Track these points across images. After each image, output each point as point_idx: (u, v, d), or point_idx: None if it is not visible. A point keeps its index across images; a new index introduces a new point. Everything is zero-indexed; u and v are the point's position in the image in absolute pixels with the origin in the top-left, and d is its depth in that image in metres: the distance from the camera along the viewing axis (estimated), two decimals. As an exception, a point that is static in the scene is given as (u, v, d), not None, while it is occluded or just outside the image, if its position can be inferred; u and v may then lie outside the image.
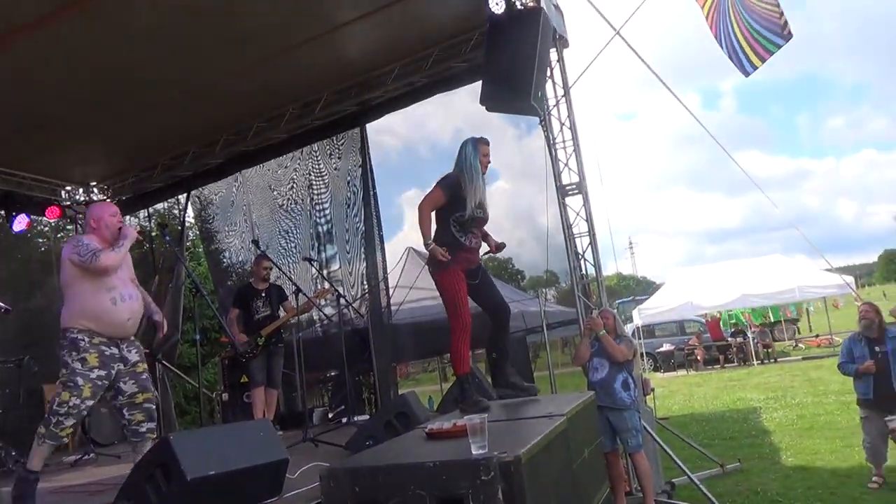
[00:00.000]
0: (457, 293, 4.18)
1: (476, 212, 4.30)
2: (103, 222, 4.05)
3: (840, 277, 15.43)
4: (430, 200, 4.22)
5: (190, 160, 9.13)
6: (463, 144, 4.38)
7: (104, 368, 3.79)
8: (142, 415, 3.95)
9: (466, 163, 4.28)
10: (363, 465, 2.83)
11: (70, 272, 3.86)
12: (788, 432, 8.79)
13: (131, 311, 3.97)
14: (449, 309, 4.24)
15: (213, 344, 12.98)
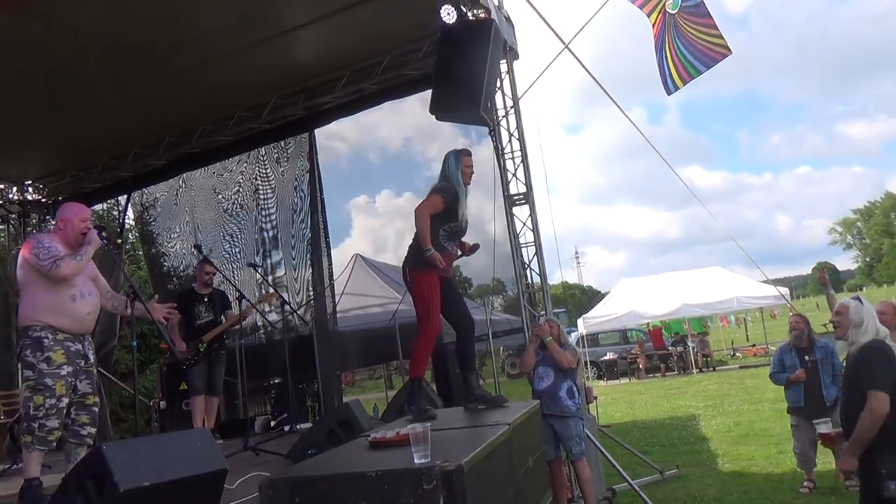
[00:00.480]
0: (432, 298, 4.16)
1: (463, 223, 4.34)
2: (70, 225, 4.00)
3: (776, 289, 15.95)
4: (429, 206, 4.18)
5: (132, 161, 8.88)
6: (446, 157, 4.38)
7: (71, 364, 3.78)
8: (87, 417, 3.89)
9: (454, 175, 4.29)
10: (304, 474, 2.79)
11: (28, 271, 3.81)
12: (725, 439, 9.03)
13: (91, 307, 3.97)
14: (421, 313, 4.21)
15: (152, 350, 12.64)
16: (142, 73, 6.56)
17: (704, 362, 21.47)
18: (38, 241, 3.87)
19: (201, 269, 6.83)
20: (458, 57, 5.65)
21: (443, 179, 4.31)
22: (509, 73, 7.18)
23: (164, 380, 7.70)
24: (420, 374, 4.30)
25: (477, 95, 5.60)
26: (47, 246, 3.82)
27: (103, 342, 9.13)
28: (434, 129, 8.59)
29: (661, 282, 21.64)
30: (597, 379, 21.25)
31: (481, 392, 4.46)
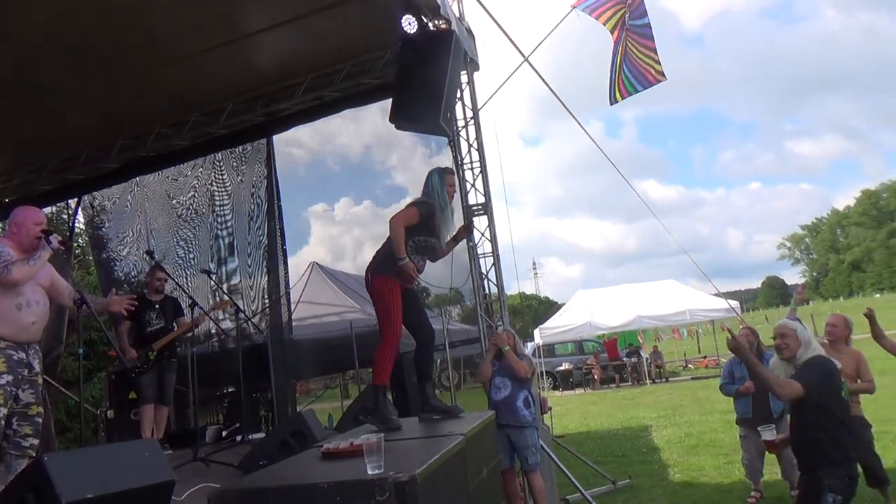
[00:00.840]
0: (394, 304, 4.14)
1: (443, 242, 4.35)
2: (24, 229, 3.90)
3: (727, 302, 16.32)
4: (404, 217, 4.18)
5: (83, 163, 8.65)
6: (430, 174, 4.39)
7: (11, 373, 3.67)
8: (29, 428, 3.76)
9: (435, 194, 4.29)
10: (254, 486, 2.74)
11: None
12: (676, 449, 9.17)
13: (37, 316, 3.87)
14: (383, 318, 4.18)
15: (101, 358, 12.30)
16: (95, 73, 6.41)
17: (658, 373, 21.84)
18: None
19: (153, 275, 6.70)
20: (418, 67, 5.66)
21: (425, 196, 4.32)
22: (469, 85, 7.22)
23: (113, 388, 7.50)
24: (384, 381, 4.28)
25: (437, 106, 5.62)
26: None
27: (49, 349, 8.85)
28: (394, 138, 8.59)
29: (616, 294, 21.96)
30: (552, 389, 21.43)
31: (437, 402, 4.46)
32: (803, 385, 3.63)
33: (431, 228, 4.26)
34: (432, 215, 4.24)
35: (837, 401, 3.71)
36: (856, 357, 5.26)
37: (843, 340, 5.37)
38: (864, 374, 5.21)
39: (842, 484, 3.54)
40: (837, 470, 3.55)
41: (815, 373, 3.71)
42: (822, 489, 3.50)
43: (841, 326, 5.38)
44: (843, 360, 5.20)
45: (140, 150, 8.39)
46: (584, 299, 22.09)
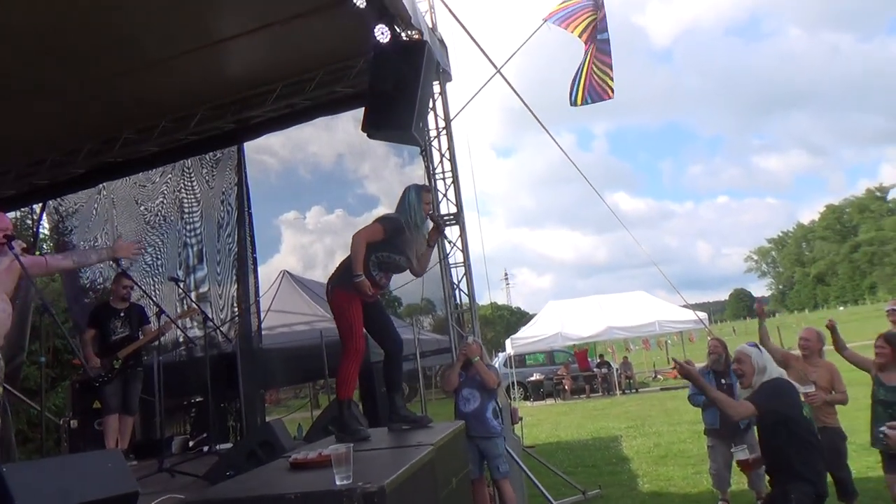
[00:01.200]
0: (354, 316, 4.12)
1: (411, 262, 4.31)
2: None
3: (695, 314, 16.52)
4: (368, 234, 4.15)
5: (49, 168, 8.50)
6: (406, 191, 4.32)
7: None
8: None
9: (411, 211, 4.22)
10: (221, 496, 2.71)
11: None
12: (646, 459, 9.24)
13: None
14: (344, 331, 4.16)
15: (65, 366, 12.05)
16: (62, 76, 6.31)
17: (627, 384, 22.00)
18: None
19: (118, 282, 6.58)
20: (390, 76, 5.67)
21: (400, 212, 4.25)
22: (442, 95, 7.25)
23: (76, 397, 7.35)
24: (349, 395, 4.24)
25: (409, 115, 5.63)
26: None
27: (11, 356, 8.64)
28: (366, 147, 8.59)
29: (587, 304, 22.11)
30: (523, 399, 21.46)
31: (406, 412, 4.44)
32: (754, 404, 3.71)
33: (398, 246, 4.22)
34: (399, 232, 4.20)
35: (799, 420, 3.78)
36: (829, 369, 5.37)
37: (817, 353, 5.50)
38: (837, 386, 5.32)
39: (809, 500, 3.60)
40: (805, 486, 3.61)
41: (766, 391, 3.79)
42: (790, 501, 3.56)
43: (814, 340, 5.52)
44: (817, 372, 5.31)
45: (107, 155, 8.26)
46: (555, 310, 22.21)
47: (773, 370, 3.88)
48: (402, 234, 4.22)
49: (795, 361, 5.52)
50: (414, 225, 4.23)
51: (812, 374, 5.31)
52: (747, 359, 3.90)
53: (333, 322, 4.28)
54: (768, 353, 4.01)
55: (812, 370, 5.36)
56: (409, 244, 4.27)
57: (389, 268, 4.30)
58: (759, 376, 3.85)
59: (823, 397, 5.16)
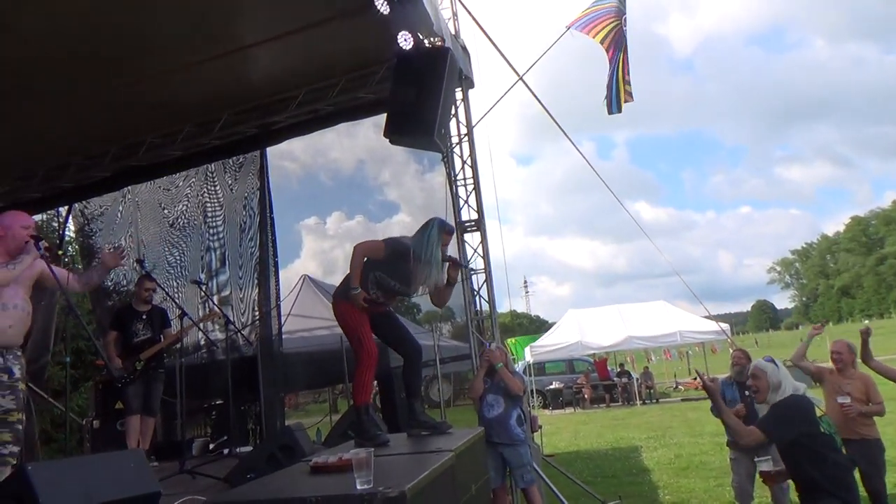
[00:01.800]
0: (358, 325, 4.12)
1: (405, 290, 4.29)
2: (11, 232, 3.82)
3: (717, 324, 16.34)
4: (367, 248, 4.14)
5: (74, 171, 8.61)
6: (430, 224, 4.23)
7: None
8: (9, 435, 3.64)
9: (427, 246, 4.13)
10: (242, 498, 2.71)
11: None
12: (666, 471, 9.13)
13: (14, 319, 3.76)
14: (353, 341, 4.18)
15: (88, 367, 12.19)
16: (88, 81, 6.39)
17: (648, 394, 21.81)
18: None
19: (141, 285, 6.65)
20: (413, 83, 5.68)
21: (415, 241, 4.18)
22: (464, 102, 7.26)
23: (99, 398, 7.43)
24: (366, 400, 4.26)
25: (431, 122, 5.64)
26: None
27: (35, 357, 8.75)
28: (387, 153, 8.61)
29: (607, 314, 21.96)
30: (542, 408, 21.35)
31: (425, 418, 4.44)
32: (763, 431, 3.66)
33: (396, 270, 4.19)
34: (401, 258, 4.15)
35: (816, 435, 3.71)
36: (864, 381, 5.30)
37: (851, 365, 5.44)
38: (873, 397, 5.25)
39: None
40: (833, 501, 3.55)
41: (774, 415, 3.74)
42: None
43: (846, 352, 5.46)
44: (852, 384, 5.23)
45: (132, 159, 8.35)
46: (576, 318, 22.09)
47: (789, 386, 3.80)
48: (404, 262, 4.16)
49: (829, 375, 5.45)
50: (425, 260, 4.12)
51: (846, 385, 5.25)
52: (763, 375, 3.84)
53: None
54: (785, 370, 3.93)
55: (846, 382, 5.29)
56: (409, 273, 4.20)
57: (385, 291, 4.26)
58: (773, 393, 3.79)
59: (859, 409, 5.08)
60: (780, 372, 3.84)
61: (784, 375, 3.83)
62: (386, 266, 4.17)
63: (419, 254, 4.12)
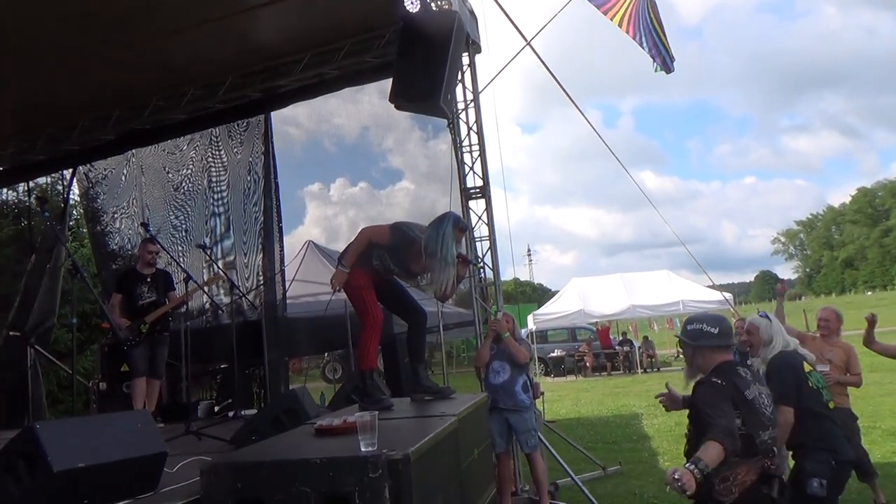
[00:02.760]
0: (362, 289, 4.15)
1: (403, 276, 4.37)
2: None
3: (721, 294, 16.36)
4: (374, 233, 4.18)
5: (78, 133, 8.58)
6: (445, 218, 4.21)
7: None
8: None
9: (440, 242, 4.08)
10: (246, 459, 2.74)
11: None
12: (666, 438, 9.21)
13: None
14: (357, 304, 4.20)
15: (93, 330, 12.28)
16: (93, 42, 6.32)
17: (649, 363, 21.92)
18: None
19: (144, 248, 6.65)
20: (420, 47, 5.61)
21: (429, 235, 4.13)
22: (471, 67, 7.17)
23: (105, 361, 7.49)
24: (371, 365, 4.29)
25: (437, 87, 5.57)
26: None
27: (42, 320, 8.84)
28: (391, 120, 8.53)
29: (610, 282, 21.99)
30: (544, 375, 21.50)
31: (429, 383, 4.50)
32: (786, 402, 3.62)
33: (398, 256, 4.21)
34: (407, 246, 4.17)
35: (807, 393, 3.74)
36: (846, 350, 5.32)
37: (835, 333, 5.45)
38: (853, 367, 5.27)
39: (826, 468, 3.58)
40: (821, 455, 3.59)
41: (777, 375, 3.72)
42: (805, 475, 3.54)
43: (833, 320, 5.47)
44: (834, 352, 5.25)
45: (136, 122, 8.32)
46: (579, 287, 22.13)
47: (780, 342, 3.83)
48: (409, 249, 4.18)
49: (811, 341, 5.46)
50: (441, 257, 4.09)
51: (828, 353, 5.26)
52: (756, 330, 3.90)
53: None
54: (779, 324, 3.95)
55: (829, 349, 5.30)
56: (412, 261, 4.23)
57: (385, 268, 4.27)
58: (765, 348, 3.84)
59: (835, 377, 5.09)
60: (773, 327, 3.86)
61: (776, 331, 3.86)
62: (389, 250, 4.20)
63: (434, 250, 4.08)
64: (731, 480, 2.94)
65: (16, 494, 2.51)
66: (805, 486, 3.54)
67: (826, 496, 3.55)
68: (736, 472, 2.93)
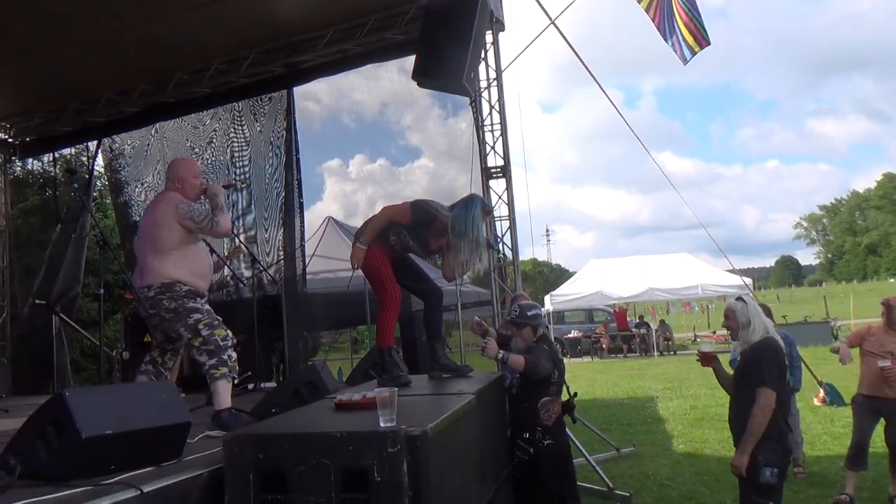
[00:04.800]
0: (380, 267, 4.17)
1: (422, 254, 4.41)
2: (187, 183, 4.00)
3: (740, 278, 16.25)
4: (395, 212, 4.20)
5: (103, 106, 8.66)
6: (472, 200, 4.24)
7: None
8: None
9: (469, 224, 4.10)
10: (268, 431, 2.79)
11: (179, 232, 3.82)
12: (681, 421, 9.23)
13: (210, 267, 4.17)
14: (375, 283, 4.22)
15: (117, 300, 12.48)
16: (118, 15, 6.38)
17: (666, 346, 21.88)
18: (178, 201, 3.84)
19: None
20: (443, 24, 5.60)
21: (457, 218, 4.13)
22: (494, 45, 7.12)
23: (128, 330, 7.61)
24: (389, 343, 4.34)
25: (461, 64, 5.57)
26: (194, 206, 3.87)
27: (67, 289, 8.99)
28: (410, 97, 8.52)
29: (629, 264, 21.92)
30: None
31: (447, 361, 4.52)
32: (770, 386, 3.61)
33: (419, 234, 4.23)
34: (428, 224, 4.20)
35: (783, 384, 3.75)
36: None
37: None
38: None
39: (776, 457, 3.61)
40: (772, 444, 3.60)
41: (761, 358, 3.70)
42: (759, 464, 3.56)
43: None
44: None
45: (161, 95, 8.39)
46: (597, 268, 22.07)
47: (759, 324, 3.81)
48: (430, 227, 4.21)
49: (868, 333, 5.31)
50: (471, 240, 4.11)
51: (890, 344, 5.11)
52: (732, 314, 3.90)
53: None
54: (755, 307, 3.93)
55: (891, 340, 5.13)
56: (431, 239, 4.27)
57: (403, 245, 4.29)
58: (744, 331, 3.83)
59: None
60: (749, 310, 3.85)
61: (753, 313, 3.84)
62: (409, 227, 4.21)
63: (463, 231, 4.10)
64: (550, 410, 4.36)
65: (45, 459, 2.58)
66: (759, 475, 3.57)
67: (777, 483, 3.59)
68: (552, 405, 4.38)
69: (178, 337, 3.90)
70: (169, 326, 3.89)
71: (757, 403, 3.59)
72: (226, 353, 3.85)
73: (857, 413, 5.40)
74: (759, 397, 3.59)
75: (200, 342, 3.82)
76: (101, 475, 2.58)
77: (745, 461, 3.60)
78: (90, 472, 2.57)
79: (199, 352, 3.84)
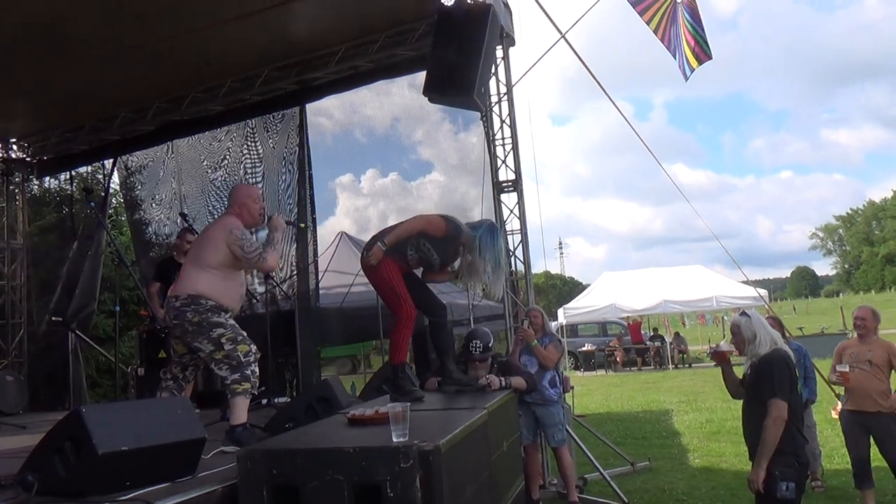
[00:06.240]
0: (395, 285, 4.13)
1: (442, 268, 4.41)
2: (247, 209, 4.08)
3: (755, 290, 16.13)
4: (428, 224, 4.22)
5: (119, 124, 8.79)
6: (496, 231, 4.41)
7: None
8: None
9: (493, 249, 4.27)
10: (282, 447, 2.81)
11: (224, 255, 3.90)
12: (697, 434, 9.15)
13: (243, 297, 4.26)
14: (391, 299, 4.18)
15: (132, 317, 12.56)
16: (133, 35, 6.47)
17: (681, 359, 21.73)
18: (237, 229, 3.92)
19: (183, 237, 6.76)
20: (454, 40, 5.63)
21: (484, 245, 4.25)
22: (504, 60, 7.17)
23: (143, 347, 7.65)
24: (402, 359, 4.31)
25: (471, 80, 5.59)
26: (249, 238, 3.94)
27: (83, 305, 9.07)
28: (421, 112, 8.57)
29: (642, 277, 21.81)
30: (574, 369, 21.41)
31: (458, 375, 4.51)
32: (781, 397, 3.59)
33: (443, 249, 4.27)
34: (455, 239, 4.26)
35: (795, 395, 3.71)
36: (886, 348, 5.21)
37: (873, 331, 5.33)
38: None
39: (793, 471, 3.56)
40: (788, 458, 3.56)
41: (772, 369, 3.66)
42: (774, 479, 3.52)
43: (870, 319, 5.34)
44: (874, 351, 5.15)
45: (175, 113, 8.49)
46: (610, 281, 21.98)
47: (766, 337, 3.77)
48: (454, 242, 4.27)
49: (846, 348, 5.41)
50: (499, 267, 4.32)
51: (867, 353, 5.15)
52: (738, 330, 3.86)
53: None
54: (761, 318, 3.91)
55: (867, 350, 5.19)
56: (452, 255, 4.34)
57: (423, 259, 4.31)
58: (751, 345, 3.79)
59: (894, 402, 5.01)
60: (754, 323, 3.82)
61: (758, 326, 3.81)
62: (438, 241, 4.23)
63: (490, 259, 4.25)
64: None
65: (63, 475, 2.61)
66: (775, 490, 3.53)
67: (794, 498, 3.54)
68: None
69: (199, 349, 3.92)
70: (191, 339, 3.91)
71: (769, 416, 3.56)
72: (248, 368, 3.86)
73: (845, 430, 5.43)
74: (770, 409, 3.56)
75: (223, 356, 3.84)
76: (117, 491, 2.61)
77: (762, 476, 3.57)
78: (106, 489, 2.60)
79: (221, 366, 3.85)
